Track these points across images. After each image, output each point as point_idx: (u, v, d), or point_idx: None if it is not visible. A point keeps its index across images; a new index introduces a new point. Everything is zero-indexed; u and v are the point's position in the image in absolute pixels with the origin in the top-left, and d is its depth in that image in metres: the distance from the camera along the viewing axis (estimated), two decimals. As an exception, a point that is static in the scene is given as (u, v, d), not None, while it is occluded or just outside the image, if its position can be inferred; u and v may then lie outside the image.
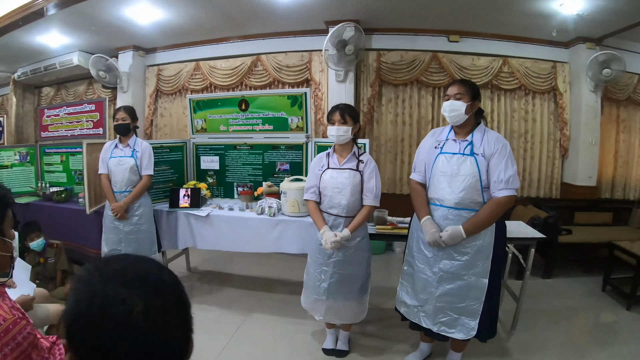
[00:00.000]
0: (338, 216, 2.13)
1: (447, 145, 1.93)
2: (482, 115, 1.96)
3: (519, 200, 4.10)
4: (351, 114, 2.13)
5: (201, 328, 2.23)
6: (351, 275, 2.17)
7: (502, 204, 1.81)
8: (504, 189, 1.79)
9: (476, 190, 1.83)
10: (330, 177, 2.12)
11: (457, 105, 1.85)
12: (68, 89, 5.81)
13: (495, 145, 1.82)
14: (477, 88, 1.93)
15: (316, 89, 4.34)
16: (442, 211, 1.92)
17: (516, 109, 4.16)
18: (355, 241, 2.14)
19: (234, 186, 3.43)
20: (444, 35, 4.12)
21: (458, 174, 1.85)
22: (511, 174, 1.79)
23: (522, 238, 2.57)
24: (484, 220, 1.82)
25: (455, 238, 1.83)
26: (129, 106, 2.99)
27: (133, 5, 3.48)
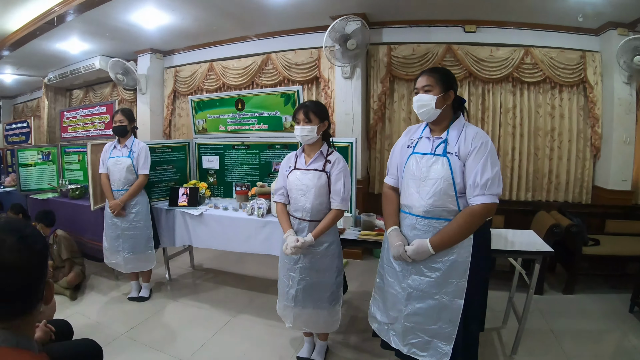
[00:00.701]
0: (302, 220, 2.08)
1: (420, 144, 1.75)
2: (462, 106, 1.77)
3: (542, 205, 3.88)
4: (317, 112, 2.05)
5: (187, 323, 2.57)
6: (319, 283, 2.11)
7: (477, 213, 1.58)
8: (479, 195, 1.56)
9: (448, 197, 1.62)
10: (295, 178, 2.09)
11: (425, 99, 1.67)
12: (95, 91, 6.35)
13: (473, 142, 1.60)
14: (450, 76, 1.72)
15: (325, 86, 4.39)
16: (410, 220, 1.74)
17: (541, 104, 3.92)
18: (322, 247, 2.08)
19: (232, 186, 3.57)
20: (459, 26, 3.98)
21: (427, 177, 1.66)
22: (489, 177, 1.55)
23: (523, 252, 2.34)
24: (454, 233, 1.61)
25: (421, 253, 1.65)
26: (127, 108, 3.22)
27: (139, 10, 3.74)
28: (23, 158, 4.29)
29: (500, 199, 3.95)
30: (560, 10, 3.47)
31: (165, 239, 3.40)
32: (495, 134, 4.06)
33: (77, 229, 3.83)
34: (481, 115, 4.07)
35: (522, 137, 3.98)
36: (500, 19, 3.82)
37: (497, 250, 2.23)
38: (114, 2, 3.45)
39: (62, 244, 3.37)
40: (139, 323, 2.87)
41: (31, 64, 5.46)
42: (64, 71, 5.62)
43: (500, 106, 4.02)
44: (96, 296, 3.36)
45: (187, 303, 3.21)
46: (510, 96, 3.98)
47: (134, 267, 3.17)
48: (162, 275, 3.71)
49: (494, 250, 2.18)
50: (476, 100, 4.06)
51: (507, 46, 3.87)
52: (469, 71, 3.96)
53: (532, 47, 3.81)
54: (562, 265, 3.48)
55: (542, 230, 3.25)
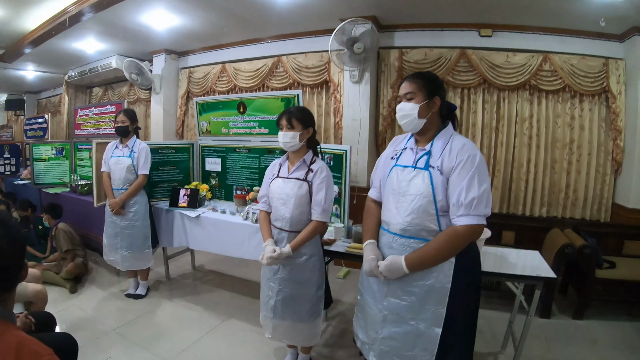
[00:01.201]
0: (282, 230, 2.08)
1: (403, 155, 1.65)
2: (452, 114, 1.65)
3: (557, 222, 3.75)
4: (300, 119, 2.04)
5: (177, 324, 2.73)
6: (298, 296, 2.10)
7: (460, 235, 1.46)
8: (463, 215, 1.44)
9: (428, 215, 1.51)
10: (276, 187, 2.10)
11: (407, 108, 1.57)
12: (114, 89, 6.66)
13: (459, 156, 1.46)
14: (435, 80, 1.61)
15: (335, 90, 4.41)
16: (387, 238, 1.64)
17: (560, 114, 3.78)
18: (302, 259, 2.08)
19: (233, 189, 3.66)
20: (474, 30, 3.90)
21: (406, 192, 1.56)
22: (475, 196, 1.42)
23: (523, 276, 2.18)
24: (433, 254, 1.50)
25: (394, 271, 1.54)
26: (129, 109, 3.37)
27: (149, 12, 3.90)
28: (37, 153, 4.56)
29: (513, 213, 3.93)
30: (582, 14, 3.34)
31: (164, 239, 3.52)
32: (510, 144, 3.95)
33: (85, 223, 4.05)
34: (495, 125, 3.97)
35: (539, 149, 3.85)
36: (518, 22, 3.71)
37: (495, 273, 2.16)
38: (124, 3, 3.61)
39: (61, 236, 3.57)
40: (131, 320, 2.99)
41: (51, 61, 5.81)
42: (82, 69, 5.94)
43: (516, 115, 3.91)
44: (95, 290, 3.53)
45: (181, 304, 3.31)
46: (527, 105, 3.86)
47: (131, 265, 3.30)
48: (163, 274, 3.85)
49: (491, 273, 2.15)
50: (490, 108, 3.97)
51: (524, 52, 3.75)
52: (483, 77, 3.88)
53: (551, 53, 3.67)
54: (574, 288, 3.34)
55: (553, 249, 3.14)
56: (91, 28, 4.32)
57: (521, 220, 3.88)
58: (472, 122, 4.05)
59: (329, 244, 2.54)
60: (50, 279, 3.58)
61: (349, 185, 2.83)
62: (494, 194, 4.01)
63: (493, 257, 2.40)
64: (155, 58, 5.57)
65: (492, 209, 3.92)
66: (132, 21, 4.12)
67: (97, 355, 2.51)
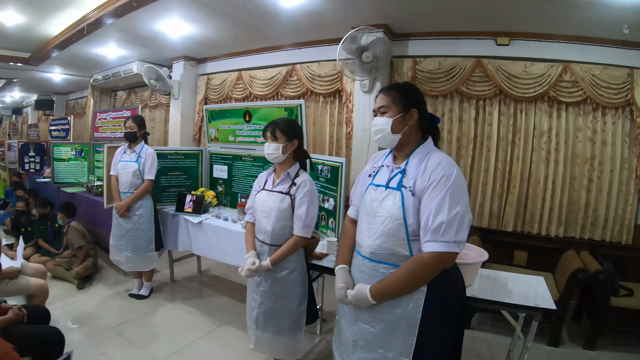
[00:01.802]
0: (263, 243, 2.14)
1: (379, 173, 1.60)
2: (434, 128, 1.57)
3: (574, 243, 3.64)
4: (284, 130, 2.09)
5: (173, 326, 2.98)
6: (279, 309, 2.16)
7: (426, 263, 1.37)
8: (430, 241, 1.35)
9: (398, 239, 1.44)
10: (260, 199, 2.16)
11: (380, 123, 1.52)
12: (137, 93, 7.04)
13: (433, 175, 1.38)
14: (411, 91, 1.54)
15: (347, 100, 4.49)
16: (358, 260, 1.60)
17: (580, 128, 3.66)
18: (283, 273, 2.12)
19: (238, 197, 3.81)
20: (491, 38, 3.87)
21: (377, 213, 1.50)
22: (444, 220, 1.32)
23: (517, 305, 2.05)
24: (397, 283, 1.42)
25: (361, 301, 1.49)
26: (138, 115, 3.58)
27: (164, 20, 4.13)
28: (58, 153, 4.91)
29: (527, 233, 3.86)
30: (604, 21, 3.22)
31: (170, 242, 3.70)
32: (527, 159, 3.87)
33: (96, 223, 4.33)
34: (512, 138, 3.91)
35: (557, 165, 3.75)
36: (537, 30, 3.64)
37: (487, 300, 2.08)
38: (139, 12, 3.85)
39: (73, 233, 3.85)
40: (130, 319, 3.17)
41: (76, 65, 6.24)
42: (106, 73, 6.35)
43: (533, 128, 3.82)
44: (102, 288, 3.76)
45: (181, 307, 3.46)
46: (545, 117, 3.77)
47: (135, 266, 3.49)
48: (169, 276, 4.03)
49: (483, 300, 2.08)
50: (507, 121, 3.91)
51: (543, 61, 3.67)
52: (499, 88, 3.83)
53: (571, 62, 3.57)
54: (587, 315, 3.24)
55: (566, 273, 3.05)
56: (110, 35, 4.62)
57: (535, 240, 3.78)
58: (487, 135, 4.00)
59: (320, 258, 2.58)
60: (60, 274, 3.86)
61: (344, 198, 2.90)
62: (508, 211, 3.94)
63: (491, 282, 2.32)
64: (174, 64, 5.86)
65: (505, 227, 3.90)
66: (148, 29, 4.38)
67: (93, 350, 2.70)
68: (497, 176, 3.98)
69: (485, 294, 2.14)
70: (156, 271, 4.09)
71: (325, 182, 2.98)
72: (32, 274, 2.89)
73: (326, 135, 4.82)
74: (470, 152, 4.03)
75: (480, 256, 2.22)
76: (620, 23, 3.19)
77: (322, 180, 3.03)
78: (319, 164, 3.06)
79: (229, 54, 5.51)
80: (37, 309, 2.38)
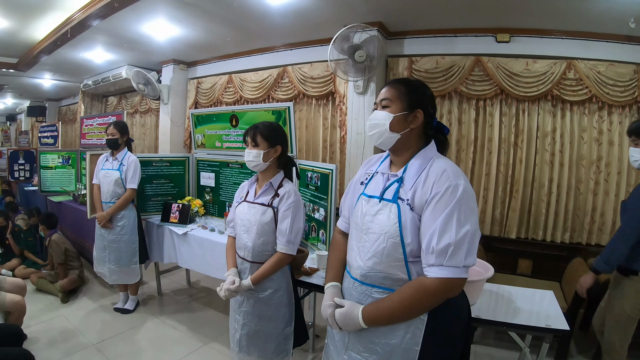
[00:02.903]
0: (244, 260, 1.97)
1: (373, 180, 1.39)
2: (439, 132, 1.37)
3: (580, 250, 3.46)
4: (266, 136, 1.91)
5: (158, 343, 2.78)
6: (263, 332, 1.98)
7: (429, 290, 1.16)
8: (434, 265, 1.14)
9: (394, 261, 1.23)
10: (240, 212, 2.00)
11: (378, 117, 1.31)
12: (127, 99, 6.92)
13: (436, 186, 1.17)
14: (422, 90, 1.33)
15: (340, 102, 4.32)
16: (348, 282, 1.40)
17: (586, 128, 3.48)
18: (265, 294, 1.94)
19: (225, 206, 3.65)
20: (490, 35, 3.70)
21: (369, 229, 1.29)
22: (452, 241, 1.12)
23: (527, 327, 1.86)
24: (394, 309, 1.22)
25: (348, 323, 1.29)
26: (120, 121, 3.43)
27: (149, 22, 3.99)
28: (45, 161, 4.78)
29: (531, 239, 3.66)
30: (610, 16, 3.06)
31: (155, 254, 3.55)
32: (530, 161, 3.69)
33: (82, 234, 4.18)
34: (514, 140, 3.73)
35: (562, 167, 3.57)
36: (538, 26, 3.48)
37: (494, 322, 1.90)
38: (123, 13, 3.71)
39: (53, 249, 3.70)
40: (114, 335, 3.03)
41: (65, 70, 6.12)
42: (96, 79, 6.23)
43: (537, 129, 3.64)
44: (86, 302, 3.62)
45: (167, 322, 3.30)
46: (549, 117, 3.60)
47: (118, 279, 3.34)
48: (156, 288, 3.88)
49: (489, 321, 1.89)
50: (509, 121, 3.74)
51: (545, 58, 3.50)
52: (500, 87, 3.66)
53: (575, 59, 3.41)
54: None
55: (574, 283, 2.85)
56: (96, 38, 4.49)
57: (540, 247, 3.60)
58: (489, 137, 3.83)
59: (309, 274, 2.41)
60: (44, 287, 3.72)
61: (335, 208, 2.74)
62: (511, 216, 3.76)
63: (495, 299, 2.15)
64: (164, 68, 5.73)
65: (508, 234, 3.71)
66: (133, 31, 4.25)
67: (68, 372, 2.55)
68: (499, 180, 3.80)
69: (490, 313, 1.96)
70: (143, 283, 3.95)
71: (315, 190, 2.82)
72: (9, 289, 2.74)
73: (319, 140, 4.66)
74: (471, 156, 3.86)
75: (486, 271, 2.02)
76: (626, 17, 3.03)
77: (312, 188, 2.87)
78: (308, 171, 2.90)
79: (219, 57, 5.36)
80: (9, 328, 2.23)
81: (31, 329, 3.01)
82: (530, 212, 3.74)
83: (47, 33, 4.39)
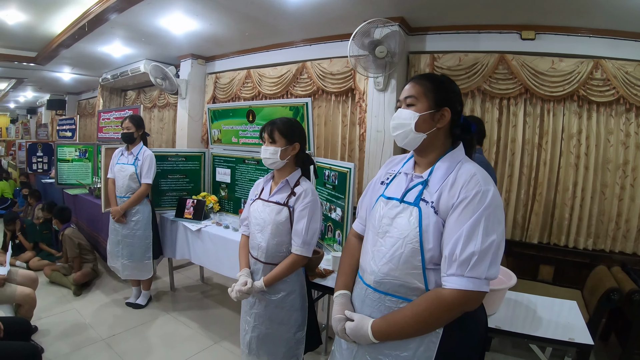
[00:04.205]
0: (257, 260, 1.89)
1: (395, 181, 1.31)
2: (468, 134, 1.27)
3: (603, 257, 3.31)
4: (284, 132, 1.83)
5: (169, 340, 2.71)
6: (273, 336, 1.91)
7: (446, 302, 1.08)
8: (455, 275, 1.06)
9: (411, 268, 1.15)
10: (255, 210, 1.90)
11: (403, 116, 1.22)
12: (146, 93, 6.92)
13: (464, 190, 1.09)
14: (449, 87, 1.24)
15: (360, 99, 4.22)
16: (360, 289, 1.30)
17: (612, 130, 3.31)
18: (278, 296, 1.86)
19: (241, 202, 3.59)
20: (515, 32, 3.54)
21: (387, 233, 1.21)
22: (476, 250, 1.04)
23: (548, 340, 1.76)
24: (407, 323, 1.13)
25: (360, 337, 1.21)
26: (136, 115, 3.40)
27: (166, 16, 3.95)
28: (62, 154, 4.79)
29: (554, 244, 3.53)
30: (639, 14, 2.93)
31: (169, 250, 3.52)
32: (555, 164, 3.54)
33: (97, 227, 4.17)
34: (538, 141, 3.58)
35: (587, 171, 3.41)
36: (565, 24, 3.32)
37: (514, 333, 1.79)
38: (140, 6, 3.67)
39: (66, 243, 3.69)
40: (124, 330, 3.00)
41: (84, 64, 6.16)
42: (115, 73, 6.24)
43: (562, 130, 3.48)
44: (99, 295, 3.61)
45: (179, 318, 3.26)
46: (574, 119, 3.44)
47: (131, 274, 3.32)
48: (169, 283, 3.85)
49: (509, 332, 1.79)
50: (533, 122, 3.59)
51: (572, 57, 3.34)
52: (525, 86, 3.51)
53: (603, 58, 3.24)
54: (616, 337, 2.92)
55: (596, 292, 2.74)
56: (114, 32, 4.48)
57: (563, 253, 3.46)
58: (512, 138, 3.69)
59: (324, 276, 2.33)
60: (57, 280, 3.72)
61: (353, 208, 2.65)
62: (534, 220, 3.62)
63: (516, 308, 2.04)
64: (182, 63, 5.70)
65: (530, 239, 3.58)
66: (150, 25, 4.21)
67: (78, 365, 2.52)
68: (522, 182, 3.66)
69: (511, 323, 1.85)
70: (156, 278, 3.92)
71: (333, 189, 2.73)
72: (20, 281, 2.73)
73: (338, 137, 4.56)
74: (493, 156, 3.71)
75: (508, 280, 1.91)
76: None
77: (329, 187, 2.78)
78: (325, 169, 2.82)
79: (237, 52, 5.30)
80: (17, 322, 2.20)
81: (42, 321, 3.01)
82: (553, 217, 3.59)
83: (65, 27, 4.39)
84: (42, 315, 3.08)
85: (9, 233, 4.18)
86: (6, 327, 1.97)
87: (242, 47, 5.08)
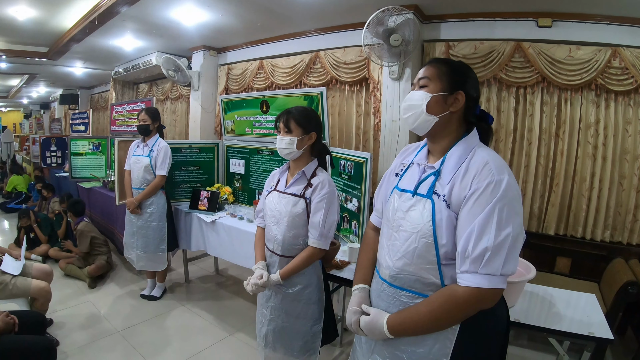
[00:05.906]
0: (273, 253, 1.85)
1: (408, 172, 1.24)
2: (482, 121, 1.20)
3: (620, 250, 3.22)
4: (300, 122, 1.77)
5: (183, 332, 2.67)
6: (289, 329, 1.87)
7: (459, 300, 1.03)
8: (468, 272, 1.01)
9: (426, 262, 1.10)
10: (271, 202, 1.85)
11: (415, 97, 1.16)
12: (158, 86, 6.89)
13: (477, 181, 1.02)
14: (464, 71, 1.17)
15: (374, 88, 4.14)
16: (376, 283, 1.27)
17: (631, 120, 3.19)
18: (294, 290, 1.82)
19: (255, 193, 3.55)
20: (532, 19, 3.43)
21: (400, 227, 1.16)
22: (489, 245, 0.98)
23: (567, 333, 1.71)
24: (422, 319, 1.09)
25: (374, 332, 1.17)
26: (152, 107, 3.35)
27: (177, 7, 3.89)
28: (75, 147, 4.79)
29: (571, 236, 3.44)
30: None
31: (184, 242, 3.51)
32: (572, 154, 3.44)
33: (111, 220, 4.18)
34: (555, 131, 3.48)
35: (605, 161, 3.31)
36: (583, 11, 3.19)
37: (532, 326, 1.75)
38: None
39: (80, 238, 3.70)
40: (139, 322, 3.00)
41: (96, 58, 6.14)
42: (126, 66, 6.21)
43: (579, 120, 3.38)
44: (113, 288, 3.61)
45: (193, 310, 3.25)
46: (592, 108, 3.33)
47: (145, 265, 3.31)
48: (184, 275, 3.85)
49: (527, 325, 1.74)
50: (550, 111, 3.49)
51: (590, 45, 3.22)
52: (542, 75, 3.40)
53: (621, 46, 3.11)
54: (633, 331, 2.84)
55: (614, 285, 2.68)
56: (125, 25, 4.44)
57: (580, 245, 3.37)
58: (529, 127, 3.59)
59: (340, 268, 2.30)
60: (72, 273, 3.73)
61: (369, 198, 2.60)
62: (551, 211, 3.53)
63: (534, 301, 1.99)
64: (194, 54, 5.64)
65: (547, 230, 3.49)
66: (161, 17, 4.16)
67: (94, 357, 2.53)
68: (539, 173, 3.57)
69: (529, 317, 1.80)
70: (171, 270, 3.91)
71: (349, 179, 2.69)
72: (35, 275, 2.73)
73: (352, 127, 4.49)
74: (510, 146, 3.62)
75: (527, 272, 1.85)
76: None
77: (345, 177, 2.73)
78: (341, 159, 2.77)
79: (249, 42, 5.23)
80: (32, 315, 2.19)
81: (58, 314, 3.02)
82: (570, 208, 3.50)
83: (75, 21, 4.35)
84: (57, 308, 3.09)
85: (23, 229, 4.19)
86: (21, 321, 1.96)
87: (254, 37, 5.00)
